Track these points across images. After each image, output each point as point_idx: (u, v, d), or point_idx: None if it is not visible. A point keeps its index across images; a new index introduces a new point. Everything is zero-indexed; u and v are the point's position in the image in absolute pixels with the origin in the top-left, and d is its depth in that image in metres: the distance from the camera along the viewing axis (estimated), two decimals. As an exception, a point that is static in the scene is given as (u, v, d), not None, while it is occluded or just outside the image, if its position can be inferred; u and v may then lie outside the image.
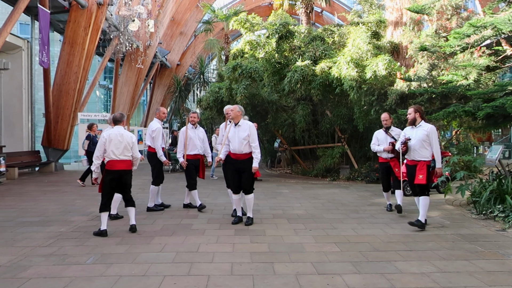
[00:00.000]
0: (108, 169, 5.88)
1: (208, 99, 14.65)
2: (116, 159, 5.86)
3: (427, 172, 6.14)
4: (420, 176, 6.14)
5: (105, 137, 5.88)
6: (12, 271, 4.28)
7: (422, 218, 6.16)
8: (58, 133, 15.67)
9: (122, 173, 5.93)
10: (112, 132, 5.92)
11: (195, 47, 29.42)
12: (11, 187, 11.19)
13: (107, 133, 5.95)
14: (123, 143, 5.90)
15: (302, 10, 20.05)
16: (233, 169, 6.55)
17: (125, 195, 6.09)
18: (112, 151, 5.85)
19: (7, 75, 15.67)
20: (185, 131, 7.59)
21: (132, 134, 6.20)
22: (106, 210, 5.86)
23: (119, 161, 5.88)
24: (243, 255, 4.83)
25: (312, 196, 9.50)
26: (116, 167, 5.87)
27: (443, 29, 11.08)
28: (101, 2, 14.96)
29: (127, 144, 5.94)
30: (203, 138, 7.76)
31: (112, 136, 5.88)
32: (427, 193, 6.20)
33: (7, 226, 6.37)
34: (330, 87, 12.81)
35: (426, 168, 6.15)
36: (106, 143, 5.87)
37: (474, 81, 9.00)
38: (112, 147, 5.84)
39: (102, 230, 5.76)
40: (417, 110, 6.29)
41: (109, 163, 5.88)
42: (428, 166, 6.18)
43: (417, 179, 6.17)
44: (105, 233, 5.73)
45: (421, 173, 6.16)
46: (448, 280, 4.03)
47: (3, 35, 11.85)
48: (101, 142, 5.90)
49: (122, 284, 3.94)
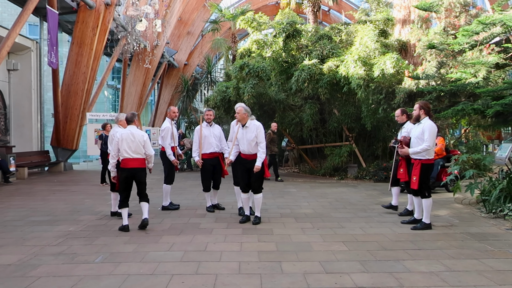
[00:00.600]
0: (123, 167, 6.06)
1: (216, 99, 14.67)
2: (129, 157, 6.02)
3: (420, 172, 5.99)
4: (413, 179, 6.06)
5: (118, 137, 6.05)
6: (21, 270, 4.32)
7: (426, 219, 6.07)
8: (67, 133, 15.79)
9: (135, 171, 6.08)
10: (124, 132, 6.06)
11: (202, 47, 29.48)
12: (21, 186, 11.29)
13: (120, 132, 6.07)
14: (135, 142, 6.04)
15: (309, 8, 19.97)
16: (243, 169, 6.57)
17: (140, 192, 6.23)
18: (125, 150, 6.01)
19: (16, 76, 15.82)
20: (199, 129, 7.36)
21: (143, 132, 6.27)
22: (125, 207, 6.08)
23: (133, 159, 6.03)
24: (250, 254, 4.83)
25: (319, 195, 9.47)
26: (129, 165, 6.03)
27: (451, 26, 10.99)
28: (109, 3, 15.04)
29: (139, 142, 6.07)
30: (219, 135, 7.48)
31: (124, 135, 6.02)
32: (427, 195, 6.05)
33: (17, 225, 6.43)
34: (338, 86, 12.76)
35: (420, 168, 5.99)
36: (119, 143, 6.03)
37: (483, 78, 8.92)
38: (124, 146, 6.00)
39: (124, 225, 6.01)
40: (422, 107, 6.14)
41: (123, 162, 6.05)
42: (423, 165, 5.98)
43: (412, 182, 6.11)
44: (127, 228, 5.98)
45: (414, 174, 6.05)
46: (457, 279, 4.00)
47: (12, 36, 11.96)
48: (115, 141, 6.09)
49: (130, 283, 3.96)
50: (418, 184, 6.00)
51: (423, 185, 6.04)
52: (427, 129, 5.93)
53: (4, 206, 8.19)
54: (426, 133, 5.91)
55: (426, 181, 6.08)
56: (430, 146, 5.92)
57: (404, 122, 7.18)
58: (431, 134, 5.95)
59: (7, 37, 11.89)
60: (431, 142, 5.94)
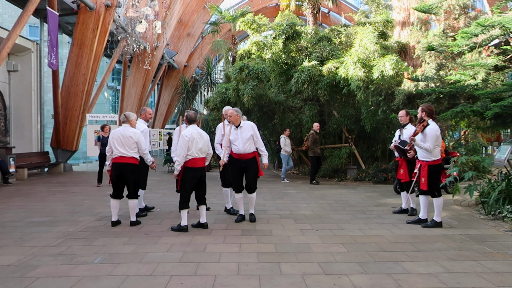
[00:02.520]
0: (191, 167, 6.04)
1: (215, 100, 14.69)
2: (198, 157, 6.06)
3: (428, 174, 6.18)
4: (422, 180, 6.25)
5: (187, 137, 6.00)
6: (21, 270, 4.33)
7: (437, 217, 6.26)
8: (67, 134, 15.80)
9: (203, 169, 6.18)
10: (193, 131, 6.06)
11: (202, 48, 29.51)
12: (21, 187, 11.30)
13: (189, 132, 6.04)
14: (202, 141, 6.13)
15: (309, 10, 20.01)
16: (236, 169, 6.69)
17: (203, 194, 6.29)
18: (195, 150, 6.05)
19: (16, 77, 15.84)
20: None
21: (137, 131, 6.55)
22: (187, 207, 6.08)
23: (200, 159, 6.10)
24: (249, 255, 4.84)
25: (319, 197, 9.48)
26: (198, 165, 6.08)
27: (450, 28, 11.03)
28: (109, 4, 15.07)
29: (205, 142, 6.18)
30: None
31: (194, 135, 6.03)
32: (437, 194, 6.20)
33: (16, 226, 6.44)
34: (337, 88, 12.78)
35: (428, 170, 6.17)
36: (189, 143, 6.00)
37: (482, 80, 8.94)
38: (194, 146, 6.01)
39: (183, 225, 6.06)
40: (424, 110, 6.29)
41: (192, 161, 6.03)
42: (429, 167, 6.17)
43: (421, 183, 6.28)
44: (187, 229, 6.04)
45: (423, 176, 6.23)
46: (456, 280, 4.01)
47: (13, 38, 11.98)
48: (184, 141, 6.01)
49: (129, 284, 3.96)
50: (427, 185, 6.18)
51: (433, 186, 6.21)
52: (428, 133, 6.12)
53: (3, 207, 8.19)
54: (429, 138, 6.11)
55: (436, 181, 6.23)
56: (430, 147, 6.07)
57: (406, 123, 7.28)
58: (431, 136, 6.08)
59: (8, 38, 11.91)
60: (431, 144, 6.08)
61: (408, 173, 7.00)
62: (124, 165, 6.32)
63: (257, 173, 6.67)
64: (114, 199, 6.43)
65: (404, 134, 7.16)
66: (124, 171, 6.33)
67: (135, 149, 6.37)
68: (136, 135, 6.37)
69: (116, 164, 6.33)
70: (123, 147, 6.29)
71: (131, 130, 6.40)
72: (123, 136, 6.30)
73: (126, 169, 6.33)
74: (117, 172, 6.35)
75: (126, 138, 6.30)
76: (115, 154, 6.31)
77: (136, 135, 6.37)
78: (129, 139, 6.31)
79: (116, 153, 6.30)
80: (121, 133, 6.33)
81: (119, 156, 6.30)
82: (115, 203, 6.44)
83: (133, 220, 6.45)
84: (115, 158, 6.33)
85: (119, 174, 6.36)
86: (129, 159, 6.33)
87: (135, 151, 6.38)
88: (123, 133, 6.32)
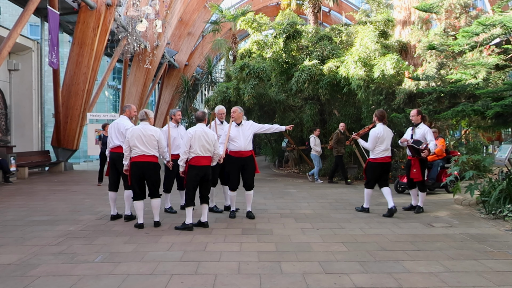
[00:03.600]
0: (194, 165, 6.05)
1: (216, 99, 14.69)
2: (201, 155, 6.07)
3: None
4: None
5: (191, 134, 6.03)
6: (21, 269, 4.33)
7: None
8: (68, 133, 15.81)
9: (207, 168, 6.17)
10: (197, 130, 6.08)
11: (203, 47, 29.50)
12: (21, 186, 11.31)
13: (193, 130, 6.07)
14: (208, 141, 6.11)
15: (309, 9, 19.98)
16: (235, 167, 6.80)
17: (207, 192, 6.28)
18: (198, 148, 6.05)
19: (17, 76, 15.85)
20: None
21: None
22: (193, 205, 6.16)
23: (204, 157, 6.11)
24: (250, 254, 4.84)
25: (319, 196, 9.48)
26: (201, 163, 6.08)
27: (451, 27, 11.00)
28: (110, 3, 15.06)
29: (211, 142, 6.17)
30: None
31: (198, 133, 6.04)
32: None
33: (17, 225, 6.44)
34: (338, 87, 12.77)
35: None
36: (192, 140, 6.02)
37: (483, 79, 8.92)
38: (197, 144, 6.03)
39: (188, 224, 6.07)
40: (376, 115, 7.42)
41: (195, 159, 6.06)
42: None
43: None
44: (192, 227, 6.06)
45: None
46: (457, 279, 4.00)
47: (14, 36, 11.98)
48: (187, 138, 6.07)
49: (129, 283, 3.97)
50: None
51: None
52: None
53: (4, 205, 8.20)
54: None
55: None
56: (369, 146, 7.30)
57: (418, 122, 7.39)
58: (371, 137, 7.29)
59: (8, 37, 11.91)
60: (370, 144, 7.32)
61: (421, 172, 7.23)
62: (146, 164, 6.13)
63: (255, 171, 6.88)
64: (139, 200, 6.18)
65: (417, 134, 7.27)
66: (147, 170, 6.15)
67: (156, 148, 6.22)
68: (157, 133, 6.24)
69: (138, 163, 6.10)
70: (144, 145, 6.08)
71: (152, 128, 6.25)
72: (144, 134, 6.09)
73: (148, 168, 6.16)
74: (139, 172, 6.12)
75: (148, 136, 6.11)
76: (136, 153, 6.07)
77: (157, 133, 6.25)
78: (150, 138, 6.12)
79: (137, 152, 6.06)
80: (141, 131, 6.11)
81: (141, 155, 6.08)
82: (141, 205, 6.20)
83: (157, 220, 6.29)
84: (136, 157, 6.08)
85: (141, 173, 6.15)
86: (150, 157, 6.15)
87: (156, 149, 6.22)
88: (143, 131, 6.11)
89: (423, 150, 6.98)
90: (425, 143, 7.00)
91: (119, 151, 6.55)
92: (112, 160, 6.68)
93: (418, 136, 7.20)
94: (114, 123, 6.80)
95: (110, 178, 6.75)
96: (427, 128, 7.27)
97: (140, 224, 6.17)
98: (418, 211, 7.29)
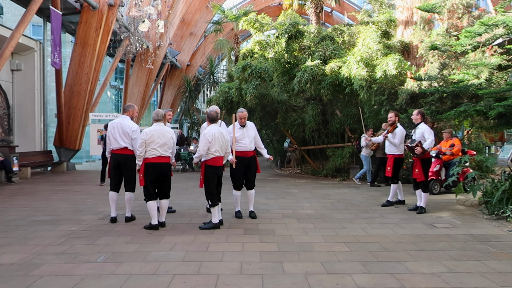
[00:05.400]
0: (212, 165, 6.14)
1: (218, 99, 14.69)
2: (219, 156, 6.17)
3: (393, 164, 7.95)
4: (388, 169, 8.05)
5: (209, 136, 6.08)
6: (24, 269, 4.34)
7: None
8: (70, 133, 15.84)
9: (222, 168, 6.31)
10: (215, 131, 6.13)
11: (205, 48, 29.51)
12: (24, 186, 11.33)
13: (211, 132, 6.08)
14: (225, 141, 6.24)
15: (311, 10, 19.98)
16: (241, 167, 6.82)
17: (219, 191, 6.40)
18: (216, 150, 6.12)
19: (20, 76, 15.88)
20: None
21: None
22: (217, 204, 6.22)
23: (221, 158, 6.21)
24: (252, 254, 4.84)
25: (321, 196, 9.48)
26: (219, 163, 6.18)
27: (454, 28, 10.98)
28: (112, 3, 15.08)
29: (227, 142, 6.32)
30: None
31: (217, 134, 6.12)
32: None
33: (20, 224, 6.46)
34: (340, 87, 12.76)
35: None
36: (212, 142, 6.08)
37: (486, 80, 8.90)
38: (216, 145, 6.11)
39: (216, 223, 6.15)
40: (396, 114, 8.11)
41: (213, 160, 6.12)
42: (395, 159, 7.92)
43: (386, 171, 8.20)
44: (219, 226, 6.16)
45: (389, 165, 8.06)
46: (459, 280, 4.00)
47: (16, 37, 12.00)
48: (207, 140, 6.07)
49: (132, 283, 3.97)
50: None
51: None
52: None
53: (7, 205, 8.22)
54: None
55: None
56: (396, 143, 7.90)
57: (418, 122, 7.51)
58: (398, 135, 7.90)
59: (11, 37, 11.94)
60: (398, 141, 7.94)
61: (423, 172, 7.29)
62: (164, 165, 6.10)
63: (257, 170, 6.99)
64: (153, 201, 6.08)
65: (417, 133, 7.42)
66: (164, 171, 6.12)
67: (171, 149, 6.24)
68: (174, 135, 6.26)
69: (155, 165, 6.02)
70: (162, 147, 6.05)
71: (170, 130, 6.23)
72: (162, 135, 6.03)
73: (166, 169, 6.15)
74: (157, 173, 6.05)
75: (167, 138, 6.08)
76: (153, 154, 5.99)
77: (174, 135, 6.27)
78: (169, 140, 6.12)
79: (154, 154, 5.99)
80: (159, 133, 6.03)
81: (158, 156, 6.02)
82: (154, 205, 6.09)
83: (163, 221, 6.26)
84: (152, 158, 6.00)
85: (158, 175, 6.08)
86: (167, 159, 6.15)
87: (170, 150, 6.23)
88: (161, 133, 6.04)
89: (415, 147, 7.13)
90: (419, 140, 7.16)
91: (125, 152, 6.51)
92: (116, 162, 6.55)
93: (418, 135, 7.32)
94: (116, 123, 6.56)
95: (112, 179, 6.66)
96: (425, 127, 7.37)
97: (155, 225, 6.06)
98: (420, 211, 7.29)
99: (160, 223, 6.20)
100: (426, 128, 7.30)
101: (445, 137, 9.87)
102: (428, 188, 7.46)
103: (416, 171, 7.34)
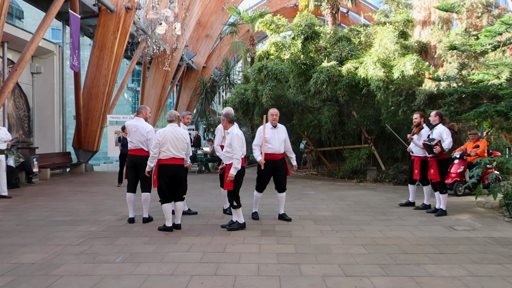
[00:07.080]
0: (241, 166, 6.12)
1: (234, 101, 14.73)
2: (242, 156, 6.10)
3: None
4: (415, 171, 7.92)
5: (240, 136, 6.10)
6: (45, 269, 4.41)
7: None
8: (88, 135, 16.05)
9: (243, 168, 6.22)
10: (239, 132, 6.14)
11: (220, 49, 29.62)
12: (44, 187, 11.52)
13: (240, 133, 6.12)
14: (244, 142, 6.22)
15: (327, 10, 19.91)
16: (269, 170, 6.70)
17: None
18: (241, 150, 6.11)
19: (39, 79, 16.17)
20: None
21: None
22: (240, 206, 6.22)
23: (243, 159, 6.17)
24: (269, 256, 4.83)
25: (338, 198, 9.42)
26: (243, 164, 6.12)
27: (473, 27, 10.81)
28: (129, 7, 15.26)
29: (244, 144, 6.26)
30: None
31: (240, 135, 6.11)
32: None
33: (40, 225, 6.57)
34: (357, 88, 12.68)
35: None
36: (242, 143, 6.11)
37: (506, 80, 8.75)
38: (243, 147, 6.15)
39: (242, 223, 6.20)
40: (422, 115, 7.96)
41: None
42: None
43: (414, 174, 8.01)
44: (245, 226, 6.23)
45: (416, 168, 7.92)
46: (480, 284, 3.92)
47: (36, 40, 12.22)
48: (240, 141, 6.08)
49: (150, 283, 4.00)
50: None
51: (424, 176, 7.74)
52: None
53: (27, 206, 8.37)
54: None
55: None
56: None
57: (436, 123, 7.47)
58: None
59: (31, 41, 12.16)
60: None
61: (439, 173, 7.21)
62: (177, 167, 6.07)
63: (287, 173, 6.90)
64: (168, 203, 6.06)
65: (434, 133, 7.38)
66: (178, 173, 6.09)
67: (185, 151, 6.21)
68: (187, 136, 6.27)
69: (169, 166, 5.99)
70: (176, 148, 6.02)
71: (183, 131, 6.24)
72: (176, 137, 6.01)
73: (180, 170, 6.12)
74: (170, 175, 6.01)
75: (180, 140, 6.09)
76: (166, 155, 5.96)
77: (187, 136, 6.29)
78: (182, 141, 6.10)
79: (168, 155, 5.95)
80: (173, 134, 6.00)
81: (171, 158, 5.98)
82: (169, 207, 6.08)
83: (179, 223, 6.22)
84: (166, 160, 5.97)
85: (171, 176, 6.04)
86: (180, 160, 6.13)
87: (184, 152, 6.20)
88: (175, 134, 6.02)
89: (434, 146, 7.08)
90: (438, 139, 7.12)
91: (141, 153, 6.59)
92: (132, 162, 6.66)
93: (435, 136, 7.27)
94: (136, 126, 6.60)
95: (129, 179, 6.75)
96: (443, 127, 7.32)
97: (169, 227, 6.06)
98: (439, 214, 7.18)
99: (175, 225, 6.17)
100: (445, 129, 7.24)
101: (472, 138, 9.75)
102: (445, 189, 7.32)
103: (432, 172, 7.25)
